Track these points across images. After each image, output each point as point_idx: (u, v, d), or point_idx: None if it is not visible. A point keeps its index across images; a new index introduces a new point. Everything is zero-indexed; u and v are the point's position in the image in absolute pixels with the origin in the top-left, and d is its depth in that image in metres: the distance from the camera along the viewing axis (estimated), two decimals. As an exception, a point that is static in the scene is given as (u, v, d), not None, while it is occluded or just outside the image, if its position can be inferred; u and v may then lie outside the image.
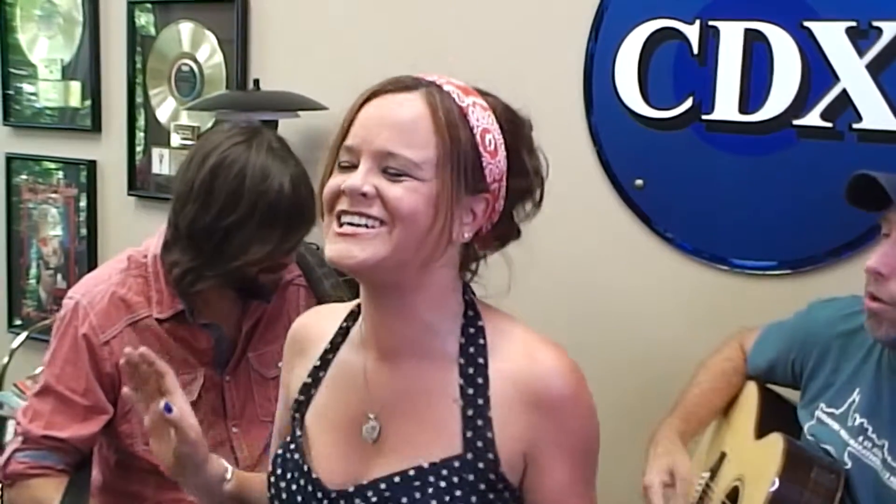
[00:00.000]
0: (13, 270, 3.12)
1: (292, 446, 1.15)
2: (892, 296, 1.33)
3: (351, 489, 1.08)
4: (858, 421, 1.41)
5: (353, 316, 1.19)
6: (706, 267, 1.99)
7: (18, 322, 3.10)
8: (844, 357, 1.47)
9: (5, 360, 2.66)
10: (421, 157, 1.01)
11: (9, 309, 3.14)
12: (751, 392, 1.64)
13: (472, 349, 1.09)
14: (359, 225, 1.01)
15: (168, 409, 1.13)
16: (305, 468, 1.12)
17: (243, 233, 1.53)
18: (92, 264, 2.85)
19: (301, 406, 1.17)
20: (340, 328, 1.19)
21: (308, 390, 1.17)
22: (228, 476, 1.23)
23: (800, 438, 1.50)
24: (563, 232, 2.12)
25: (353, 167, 1.03)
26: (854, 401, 1.43)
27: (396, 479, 1.06)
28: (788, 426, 1.51)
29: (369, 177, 1.01)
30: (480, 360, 1.08)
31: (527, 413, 1.06)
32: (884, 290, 1.33)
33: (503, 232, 1.14)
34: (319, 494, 1.10)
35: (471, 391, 1.07)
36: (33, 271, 3.09)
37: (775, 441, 1.46)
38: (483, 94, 1.10)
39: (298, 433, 1.16)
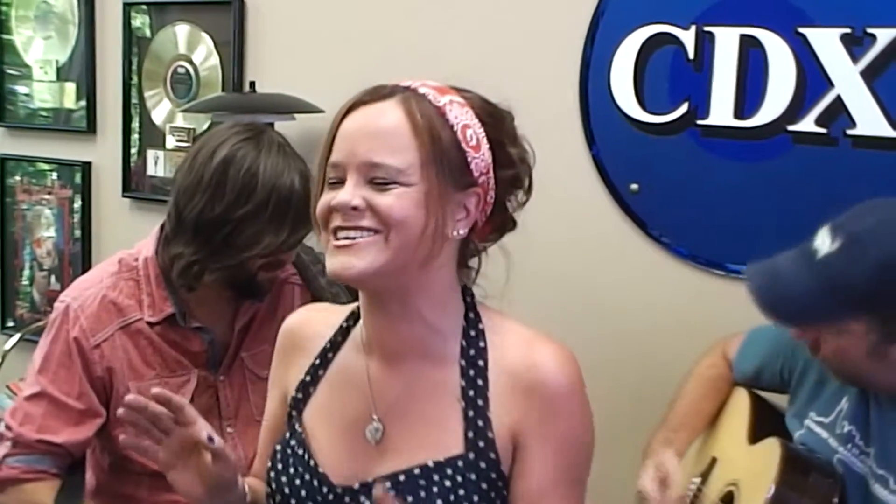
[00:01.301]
0: (7, 272, 3.11)
1: (293, 442, 1.15)
2: (836, 365, 1.38)
3: (356, 486, 1.09)
4: (847, 429, 1.42)
5: (353, 316, 1.19)
6: (701, 272, 1.99)
7: (11, 323, 3.09)
8: None
9: (-2, 361, 2.66)
10: (404, 163, 1.03)
11: (2, 310, 3.13)
12: (741, 397, 1.64)
13: (472, 351, 1.10)
14: (355, 238, 1.03)
15: (211, 439, 1.10)
16: (311, 463, 1.12)
17: (254, 225, 1.54)
18: (86, 266, 2.84)
19: (299, 403, 1.18)
20: (341, 328, 1.20)
21: (307, 388, 1.18)
22: (246, 489, 1.22)
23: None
24: (558, 235, 2.12)
25: (340, 182, 1.05)
26: (842, 409, 1.44)
27: (402, 477, 1.07)
28: (781, 433, 1.51)
29: (357, 190, 1.03)
30: (480, 363, 1.10)
31: (519, 399, 1.07)
32: (820, 354, 1.39)
33: (499, 223, 1.16)
34: (325, 489, 1.10)
35: (472, 393, 1.08)
36: (27, 273, 3.08)
37: (772, 446, 1.46)
38: (459, 91, 1.11)
39: (298, 429, 1.16)
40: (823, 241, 1.30)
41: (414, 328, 1.10)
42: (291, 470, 1.13)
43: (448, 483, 1.05)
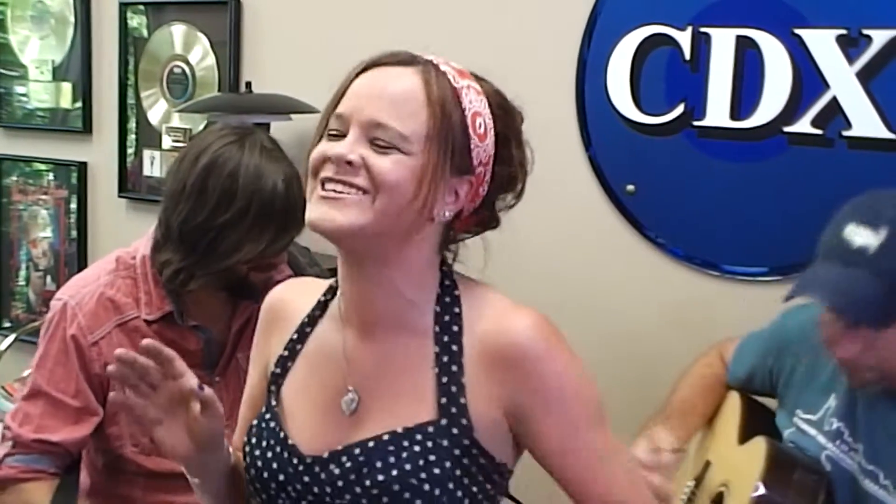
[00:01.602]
0: (2, 272, 3.11)
1: (268, 416, 1.15)
2: (871, 367, 1.33)
3: (326, 455, 1.08)
4: (835, 425, 1.42)
5: (331, 291, 1.19)
6: (697, 272, 1.99)
7: (7, 324, 3.09)
8: (819, 363, 1.47)
9: (-7, 362, 2.65)
10: (409, 130, 1.02)
11: (-3, 311, 3.13)
12: (733, 401, 1.65)
13: (447, 317, 1.10)
14: (341, 192, 1.02)
15: (201, 388, 1.10)
16: (282, 435, 1.12)
17: (236, 232, 1.53)
18: (82, 266, 2.84)
19: (277, 378, 1.17)
20: (318, 302, 1.19)
21: (285, 363, 1.18)
22: (230, 450, 1.21)
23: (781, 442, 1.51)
24: (554, 236, 2.12)
25: (341, 136, 1.04)
26: (830, 406, 1.44)
27: (371, 443, 1.06)
28: (770, 432, 1.52)
29: (357, 146, 1.02)
30: (455, 328, 1.09)
31: (498, 372, 1.06)
32: (863, 365, 1.33)
33: (483, 218, 1.15)
34: (295, 460, 1.10)
35: (445, 358, 1.08)
36: (23, 273, 3.07)
37: (758, 444, 1.47)
38: (479, 79, 1.11)
39: (274, 403, 1.16)
40: (866, 238, 1.27)
41: (389, 299, 1.09)
42: (264, 443, 1.13)
43: (418, 448, 1.05)
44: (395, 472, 1.04)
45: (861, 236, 1.27)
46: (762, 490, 1.38)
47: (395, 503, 1.04)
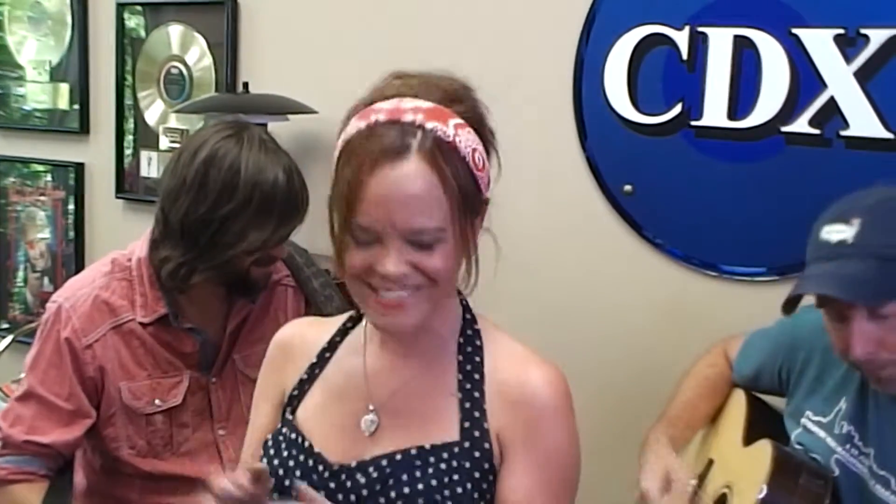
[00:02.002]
0: (0, 273, 3.10)
1: (284, 429, 1.16)
2: (889, 360, 1.31)
3: (353, 464, 1.09)
4: (846, 429, 1.41)
5: (350, 320, 1.22)
6: (696, 273, 1.99)
7: (4, 325, 3.08)
8: (830, 365, 1.47)
9: (-9, 363, 2.64)
10: (442, 220, 1.03)
11: (-5, 312, 3.12)
12: (738, 400, 1.64)
13: (469, 348, 1.13)
14: (401, 295, 1.04)
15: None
16: (306, 444, 1.13)
17: (239, 222, 1.54)
18: (79, 267, 2.83)
19: (293, 400, 1.18)
20: (339, 329, 1.21)
21: (302, 386, 1.19)
22: None
23: (787, 446, 1.50)
24: (551, 236, 2.12)
25: (373, 243, 1.04)
26: (841, 409, 1.43)
27: (398, 456, 1.08)
28: (776, 434, 1.51)
29: (402, 255, 1.03)
30: (477, 359, 1.12)
31: (508, 408, 1.09)
32: (879, 361, 1.31)
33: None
34: (321, 467, 1.10)
35: (468, 385, 1.11)
36: (20, 274, 3.07)
37: (764, 447, 1.46)
38: (451, 104, 1.07)
39: (291, 418, 1.16)
40: (842, 233, 1.29)
41: (419, 336, 1.12)
42: (285, 453, 1.13)
43: (443, 466, 1.06)
44: (420, 487, 1.06)
45: (837, 233, 1.30)
46: (766, 493, 1.37)
47: None
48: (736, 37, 1.88)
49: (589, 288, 2.10)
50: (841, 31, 1.78)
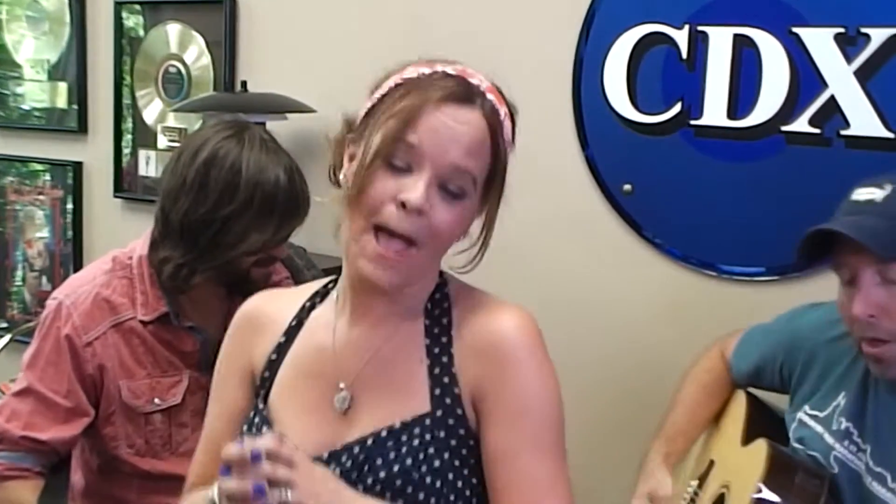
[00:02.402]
0: (-2, 272, 3.10)
1: (257, 419, 1.15)
2: (890, 332, 1.30)
3: (325, 456, 1.08)
4: (844, 425, 1.41)
5: (318, 294, 1.20)
6: (695, 273, 1.99)
7: (3, 325, 3.07)
8: (832, 362, 1.46)
9: (-11, 362, 2.64)
10: (479, 175, 1.06)
11: (-7, 311, 3.12)
12: (739, 400, 1.64)
13: (437, 311, 1.12)
14: (398, 250, 1.04)
15: None
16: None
17: (240, 222, 1.53)
18: (77, 266, 2.83)
19: (265, 382, 1.17)
20: (304, 306, 1.20)
21: (274, 366, 1.17)
22: None
23: (787, 446, 1.50)
24: (550, 235, 2.12)
25: (407, 170, 1.04)
26: (839, 404, 1.43)
27: (370, 441, 1.07)
28: (776, 433, 1.51)
29: (430, 191, 1.03)
30: (444, 320, 1.11)
31: (479, 360, 1.08)
32: (881, 329, 1.31)
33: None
34: None
35: (436, 350, 1.10)
36: (19, 273, 3.06)
37: (760, 447, 1.46)
38: (500, 92, 1.11)
39: (262, 407, 1.15)
40: (872, 194, 1.32)
41: (393, 300, 1.11)
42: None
43: (416, 442, 1.05)
44: (396, 468, 1.04)
45: (867, 194, 1.33)
46: (762, 492, 1.37)
47: (398, 498, 1.04)
48: (736, 36, 1.87)
49: (588, 287, 2.10)
50: (841, 30, 1.77)
